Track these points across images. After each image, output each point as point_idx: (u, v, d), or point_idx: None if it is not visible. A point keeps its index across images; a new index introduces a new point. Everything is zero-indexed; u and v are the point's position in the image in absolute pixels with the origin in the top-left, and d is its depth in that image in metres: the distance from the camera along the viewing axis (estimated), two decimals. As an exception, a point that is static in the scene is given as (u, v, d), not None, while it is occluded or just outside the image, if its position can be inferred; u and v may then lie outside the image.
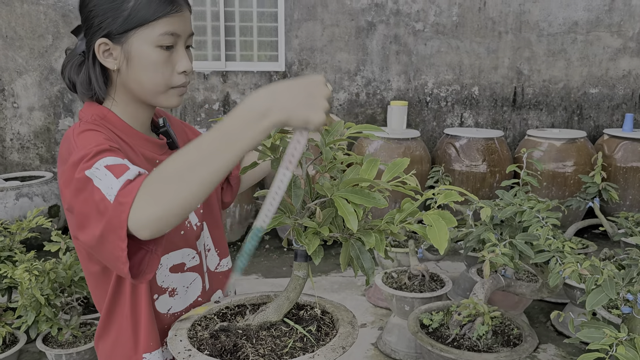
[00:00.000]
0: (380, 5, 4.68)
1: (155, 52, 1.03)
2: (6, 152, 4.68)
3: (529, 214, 2.08)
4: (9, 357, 2.54)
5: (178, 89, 1.08)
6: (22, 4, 4.44)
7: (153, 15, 1.01)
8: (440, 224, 0.88)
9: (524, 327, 2.24)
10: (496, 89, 4.89)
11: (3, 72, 4.53)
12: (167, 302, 1.13)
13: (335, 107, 4.85)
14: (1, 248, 2.70)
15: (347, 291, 3.58)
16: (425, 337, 2.18)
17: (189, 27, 1.08)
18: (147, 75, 1.04)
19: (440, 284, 2.84)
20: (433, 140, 4.91)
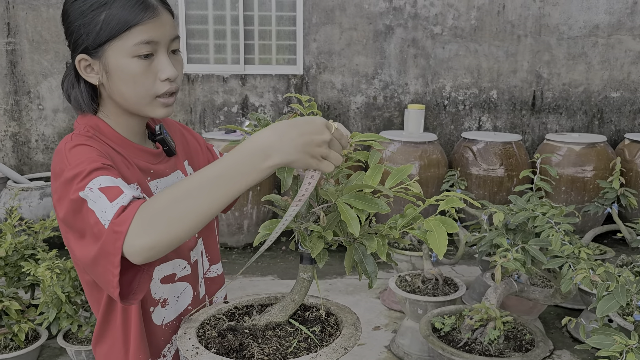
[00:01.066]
0: (399, 9, 4.70)
1: (132, 62, 0.99)
2: (31, 153, 4.81)
3: (541, 220, 2.08)
4: (32, 352, 2.62)
5: (163, 98, 1.04)
6: (48, 9, 4.57)
7: (124, 26, 0.98)
8: (440, 229, 0.90)
9: (537, 333, 2.24)
10: (515, 92, 4.87)
11: (29, 75, 4.66)
12: (161, 313, 1.12)
13: (352, 111, 4.87)
14: (25, 246, 2.79)
15: (362, 294, 3.60)
16: (436, 340, 2.19)
17: (168, 31, 1.02)
18: (128, 88, 1.01)
19: (454, 288, 2.84)
20: (450, 144, 4.90)
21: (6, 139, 4.76)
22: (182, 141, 1.25)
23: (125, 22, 0.97)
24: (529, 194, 2.23)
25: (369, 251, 0.92)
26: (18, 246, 2.75)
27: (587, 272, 1.87)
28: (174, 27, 1.05)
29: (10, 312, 2.47)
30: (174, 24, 1.06)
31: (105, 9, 0.97)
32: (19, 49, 4.61)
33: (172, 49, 1.05)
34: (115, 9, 0.97)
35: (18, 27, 4.58)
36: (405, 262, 3.30)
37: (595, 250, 3.35)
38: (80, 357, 2.63)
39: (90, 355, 2.63)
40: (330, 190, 0.95)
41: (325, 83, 4.81)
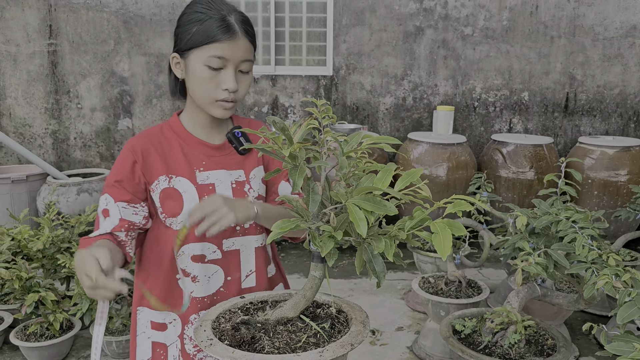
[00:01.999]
0: (429, 10, 4.69)
1: (204, 70, 1.25)
2: (70, 150, 5.00)
3: (564, 224, 2.06)
4: (66, 342, 2.74)
5: (222, 102, 1.27)
6: (88, 12, 4.74)
7: (206, 40, 1.23)
8: (446, 232, 0.93)
9: (559, 338, 2.22)
10: (547, 94, 4.79)
11: (69, 75, 4.84)
12: (190, 285, 1.34)
13: (381, 112, 4.88)
14: (61, 240, 2.91)
15: (386, 294, 3.62)
16: (456, 342, 2.20)
17: (240, 54, 1.25)
18: (197, 87, 1.27)
19: (477, 290, 2.83)
20: (480, 146, 4.86)
21: (47, 136, 4.96)
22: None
23: (207, 37, 1.23)
24: (554, 198, 2.21)
25: (376, 251, 0.95)
26: (55, 239, 2.88)
27: (610, 278, 1.85)
28: (248, 52, 1.27)
29: (47, 302, 2.59)
30: (249, 49, 1.28)
31: (198, 24, 1.24)
32: (59, 50, 4.80)
33: (241, 69, 1.28)
34: (204, 26, 1.23)
35: (59, 29, 4.76)
36: (430, 264, 3.30)
37: (626, 257, 3.29)
38: (110, 347, 2.73)
39: (121, 345, 2.73)
40: (341, 192, 0.99)
41: (355, 84, 4.84)
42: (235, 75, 1.26)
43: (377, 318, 3.27)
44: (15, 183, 4.42)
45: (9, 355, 2.81)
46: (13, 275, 2.51)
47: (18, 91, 4.85)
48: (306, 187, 1.02)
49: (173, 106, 4.89)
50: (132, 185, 1.31)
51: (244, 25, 1.27)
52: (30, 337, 2.69)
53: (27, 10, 4.70)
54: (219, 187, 1.34)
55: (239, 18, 1.27)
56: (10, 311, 2.95)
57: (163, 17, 4.73)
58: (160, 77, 4.84)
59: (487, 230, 3.10)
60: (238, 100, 1.30)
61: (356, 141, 1.05)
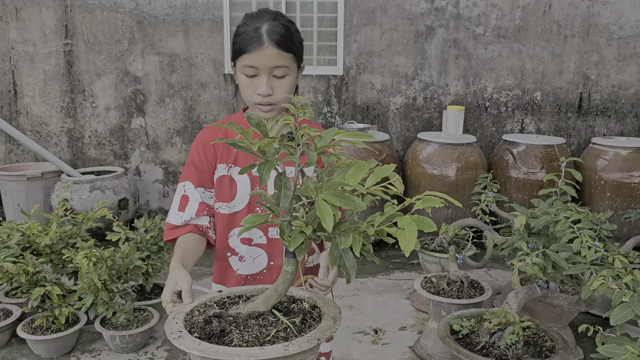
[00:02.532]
0: (440, 9, 4.66)
1: (242, 77, 1.41)
2: (85, 148, 5.09)
3: (563, 224, 2.04)
4: (71, 335, 2.80)
5: (259, 105, 1.42)
6: (102, 12, 4.82)
7: (239, 52, 1.38)
8: (412, 228, 0.93)
9: (558, 340, 2.19)
10: (560, 94, 4.72)
11: (84, 75, 4.93)
12: (237, 263, 1.52)
13: (391, 111, 4.87)
14: (69, 235, 2.98)
15: (391, 294, 3.61)
16: (452, 342, 2.19)
17: (268, 61, 1.36)
18: (241, 92, 1.44)
19: (479, 291, 2.81)
20: (491, 147, 4.82)
21: (62, 134, 5.06)
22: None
23: (240, 49, 1.38)
24: (553, 198, 2.19)
25: (342, 246, 0.96)
26: (62, 235, 2.94)
27: (607, 279, 1.82)
28: (278, 59, 1.37)
29: (52, 296, 2.65)
30: (279, 56, 1.37)
31: (237, 38, 1.40)
32: (75, 50, 4.89)
33: (275, 75, 1.39)
34: (239, 39, 1.38)
35: (75, 29, 4.85)
36: (435, 264, 3.29)
37: (635, 259, 3.22)
38: (114, 342, 2.78)
39: (124, 340, 2.77)
40: (310, 187, 0.99)
41: (365, 84, 4.83)
42: (268, 81, 1.38)
43: (381, 317, 3.27)
44: (31, 180, 4.52)
45: (16, 348, 2.88)
46: (20, 270, 2.57)
47: (35, 90, 4.96)
48: (278, 182, 1.03)
49: (185, 105, 4.95)
50: (207, 172, 1.49)
51: (273, 35, 1.37)
52: (37, 330, 2.76)
53: (43, 11, 4.80)
54: (270, 180, 1.44)
55: (271, 28, 1.37)
56: (18, 304, 3.02)
57: (176, 17, 4.78)
58: (172, 77, 4.90)
59: (491, 231, 3.07)
60: (275, 102, 1.41)
61: (329, 137, 1.06)
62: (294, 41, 1.41)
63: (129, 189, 4.63)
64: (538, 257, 2.08)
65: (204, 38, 4.81)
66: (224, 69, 4.87)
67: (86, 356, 2.81)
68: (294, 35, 1.42)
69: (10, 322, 2.84)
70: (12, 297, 3.14)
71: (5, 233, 2.84)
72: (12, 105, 4.98)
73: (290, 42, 1.39)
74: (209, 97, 4.93)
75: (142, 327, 2.80)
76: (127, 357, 2.79)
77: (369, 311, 3.35)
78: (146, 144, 5.05)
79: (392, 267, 4.11)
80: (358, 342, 2.98)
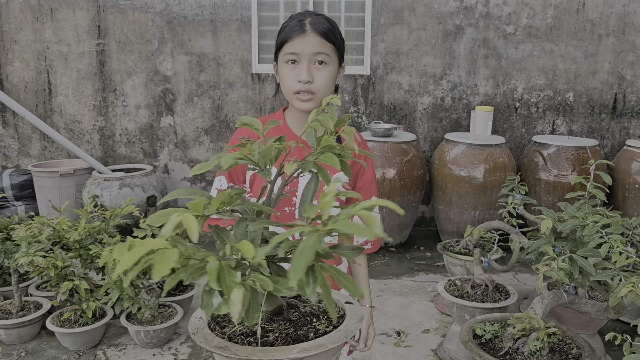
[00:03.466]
0: (470, 8, 4.59)
1: (285, 66, 1.42)
2: (115, 146, 5.20)
3: (590, 229, 1.98)
4: (98, 329, 2.86)
5: (298, 94, 1.41)
6: (134, 12, 4.91)
7: (283, 41, 1.41)
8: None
9: (585, 347, 2.14)
10: (594, 95, 4.60)
11: (115, 74, 5.04)
12: None
13: (419, 111, 4.82)
14: (97, 231, 3.04)
15: (415, 296, 3.58)
16: (475, 347, 2.15)
17: (310, 48, 1.38)
18: (282, 83, 1.44)
19: (504, 295, 2.76)
20: (521, 148, 4.72)
21: (94, 132, 5.17)
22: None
23: (284, 38, 1.41)
24: (581, 201, 2.13)
25: None
26: (91, 231, 3.00)
27: (636, 286, 1.76)
28: (319, 46, 1.39)
29: (80, 290, 2.71)
30: (320, 44, 1.39)
31: (281, 33, 1.43)
32: (107, 50, 4.99)
33: (317, 61, 1.40)
34: (283, 32, 1.42)
35: (107, 29, 4.96)
36: (460, 267, 3.24)
37: (669, 266, 3.11)
38: (139, 336, 2.83)
39: (149, 335, 2.82)
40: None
41: (392, 83, 4.80)
42: (308, 68, 1.39)
43: (404, 319, 3.24)
44: (64, 176, 4.64)
45: (46, 340, 2.96)
46: (49, 264, 2.63)
47: (69, 89, 5.08)
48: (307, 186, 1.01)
49: (213, 104, 5.00)
50: (238, 170, 1.49)
51: (314, 25, 1.40)
52: (65, 323, 2.82)
53: (77, 12, 4.92)
54: (301, 180, 1.45)
55: (313, 20, 1.42)
56: (48, 298, 3.10)
57: (205, 17, 4.84)
58: (201, 76, 4.96)
59: (518, 234, 3.01)
60: (316, 91, 1.41)
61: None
62: (335, 34, 1.44)
63: (157, 187, 4.70)
64: (564, 262, 2.03)
65: (232, 38, 4.85)
66: (252, 69, 4.90)
67: (112, 350, 2.87)
68: (336, 30, 1.45)
69: (40, 315, 2.92)
70: (42, 290, 3.23)
71: (37, 228, 2.91)
72: (46, 103, 5.12)
73: (332, 34, 1.42)
74: (236, 97, 4.97)
75: (166, 323, 2.84)
76: (151, 352, 2.84)
77: (392, 313, 3.33)
78: (175, 142, 5.13)
79: (416, 268, 4.07)
80: (380, 344, 2.96)
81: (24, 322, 2.86)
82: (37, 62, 5.04)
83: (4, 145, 5.23)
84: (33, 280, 3.34)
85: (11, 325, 2.83)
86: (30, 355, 2.81)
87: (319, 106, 1.44)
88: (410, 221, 4.49)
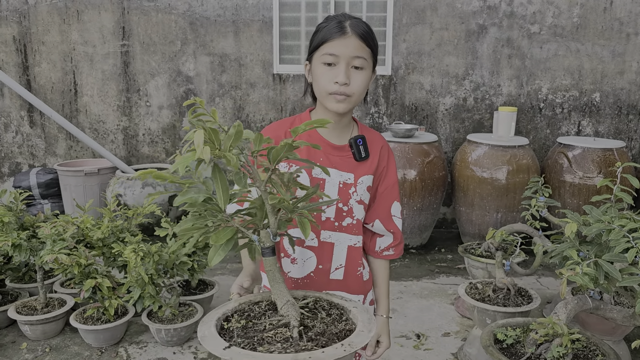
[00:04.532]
0: (493, 7, 4.53)
1: (320, 66, 1.39)
2: (139, 146, 5.26)
3: (616, 233, 1.93)
4: (120, 326, 2.89)
5: (334, 95, 1.38)
6: (157, 14, 4.96)
7: (322, 41, 1.38)
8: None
9: (610, 354, 2.09)
10: (621, 95, 4.50)
11: (139, 75, 5.10)
12: (288, 266, 1.49)
13: (440, 112, 4.78)
14: (120, 230, 3.08)
15: (436, 298, 3.54)
16: (496, 351, 2.12)
17: (350, 51, 1.36)
18: (316, 83, 1.41)
19: (527, 299, 2.71)
20: (545, 149, 4.65)
21: (118, 132, 5.25)
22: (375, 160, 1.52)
23: (323, 38, 1.38)
24: (607, 205, 2.08)
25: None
26: (114, 229, 3.04)
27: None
28: (358, 50, 1.37)
29: (103, 288, 2.75)
30: (360, 47, 1.37)
31: (318, 34, 1.41)
32: (131, 51, 5.06)
33: (354, 65, 1.38)
34: (322, 30, 1.39)
35: (131, 30, 5.02)
36: (481, 270, 3.20)
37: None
38: (160, 334, 2.86)
39: (169, 333, 2.85)
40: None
41: (414, 84, 4.76)
42: (346, 71, 1.37)
43: (424, 322, 3.21)
44: (88, 175, 4.72)
45: (69, 337, 3.01)
46: (73, 262, 2.68)
47: (94, 89, 5.16)
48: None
49: (234, 105, 5.03)
50: None
51: (355, 27, 1.38)
52: (88, 320, 2.87)
53: (103, 14, 4.99)
54: (328, 183, 1.46)
55: (353, 22, 1.39)
56: (72, 295, 3.15)
57: (227, 18, 4.87)
58: (223, 77, 4.99)
59: (542, 237, 2.96)
60: (352, 94, 1.39)
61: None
62: (374, 39, 1.43)
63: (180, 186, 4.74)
64: (589, 266, 1.98)
65: (253, 38, 4.87)
66: (273, 69, 4.91)
67: (133, 347, 2.90)
68: (373, 35, 1.44)
69: (64, 311, 2.97)
70: (66, 288, 3.28)
71: (62, 226, 2.96)
72: (72, 103, 5.21)
73: (371, 38, 1.41)
74: (257, 97, 4.99)
75: (187, 322, 2.86)
76: (171, 350, 2.86)
77: (412, 315, 3.30)
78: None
79: (437, 271, 4.03)
80: (400, 347, 2.94)
81: (49, 319, 2.91)
82: (64, 63, 5.13)
83: (31, 145, 5.34)
84: (57, 277, 3.40)
85: (36, 321, 2.89)
86: (54, 351, 2.86)
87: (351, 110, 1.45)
88: (431, 223, 4.45)
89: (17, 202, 3.15)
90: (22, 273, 3.35)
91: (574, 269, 1.96)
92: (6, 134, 5.34)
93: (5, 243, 2.78)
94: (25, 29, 5.09)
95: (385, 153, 1.55)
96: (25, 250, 2.85)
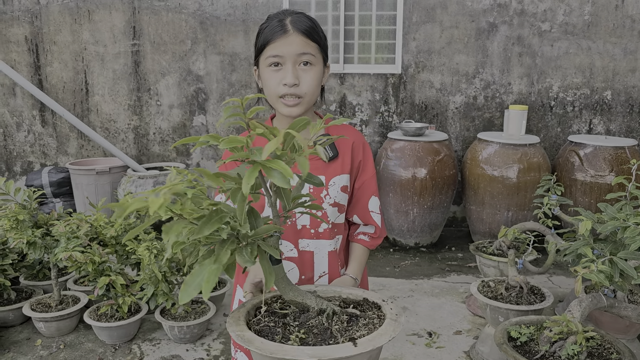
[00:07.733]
0: (504, 5, 4.52)
1: (267, 70, 1.33)
2: (149, 145, 5.29)
3: (632, 231, 1.93)
4: (133, 324, 2.92)
5: (284, 99, 1.33)
6: (168, 13, 4.99)
7: (264, 44, 1.33)
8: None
9: (625, 353, 2.08)
10: (633, 93, 4.47)
11: (150, 74, 5.13)
12: None
13: (451, 110, 4.77)
14: (132, 228, 3.10)
15: (447, 297, 3.54)
16: (510, 349, 2.12)
17: (294, 49, 1.30)
18: (266, 88, 1.36)
19: (540, 297, 2.70)
20: (556, 148, 4.63)
21: (129, 131, 5.28)
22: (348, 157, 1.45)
23: (265, 39, 1.33)
24: (622, 202, 2.07)
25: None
26: (127, 227, 3.06)
27: (681, 290, 1.71)
28: (303, 46, 1.31)
29: (116, 285, 2.77)
30: (304, 43, 1.32)
31: (260, 36, 1.36)
32: (142, 50, 5.09)
33: (301, 64, 1.32)
34: (264, 31, 1.34)
35: (142, 30, 5.05)
36: (493, 268, 3.19)
37: None
38: (173, 332, 2.88)
39: (182, 330, 2.86)
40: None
41: (424, 82, 4.76)
42: (294, 70, 1.31)
43: (436, 320, 3.21)
44: (100, 174, 4.75)
45: (83, 333, 3.03)
46: (87, 259, 2.70)
47: (105, 89, 5.20)
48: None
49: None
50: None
51: (296, 24, 1.32)
52: (102, 317, 2.89)
53: (113, 13, 5.02)
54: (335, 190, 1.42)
55: (294, 19, 1.33)
56: (86, 292, 3.18)
57: (237, 17, 4.88)
58: (233, 76, 5.01)
59: (554, 235, 2.95)
60: (303, 94, 1.33)
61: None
62: (318, 33, 1.36)
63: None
64: (604, 264, 1.98)
65: (263, 37, 4.88)
66: (283, 68, 4.92)
67: (147, 344, 2.92)
68: (318, 28, 1.37)
69: (78, 309, 3.00)
70: (80, 285, 3.31)
71: (75, 224, 2.99)
72: (83, 103, 5.24)
73: (315, 32, 1.34)
74: (267, 96, 5.00)
75: (199, 319, 2.88)
76: (184, 347, 2.88)
77: (423, 313, 3.30)
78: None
79: (448, 269, 4.03)
80: (412, 345, 2.94)
81: (63, 316, 2.94)
82: (75, 62, 5.17)
83: (43, 144, 5.38)
84: (71, 274, 3.43)
85: (50, 318, 2.92)
86: (69, 348, 2.89)
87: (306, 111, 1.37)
88: (442, 221, 4.45)
89: (31, 201, 3.18)
90: (36, 270, 3.38)
91: (588, 266, 1.95)
92: (18, 133, 5.39)
93: (20, 240, 2.80)
94: (37, 28, 5.13)
95: (358, 148, 1.47)
96: (40, 248, 2.88)
